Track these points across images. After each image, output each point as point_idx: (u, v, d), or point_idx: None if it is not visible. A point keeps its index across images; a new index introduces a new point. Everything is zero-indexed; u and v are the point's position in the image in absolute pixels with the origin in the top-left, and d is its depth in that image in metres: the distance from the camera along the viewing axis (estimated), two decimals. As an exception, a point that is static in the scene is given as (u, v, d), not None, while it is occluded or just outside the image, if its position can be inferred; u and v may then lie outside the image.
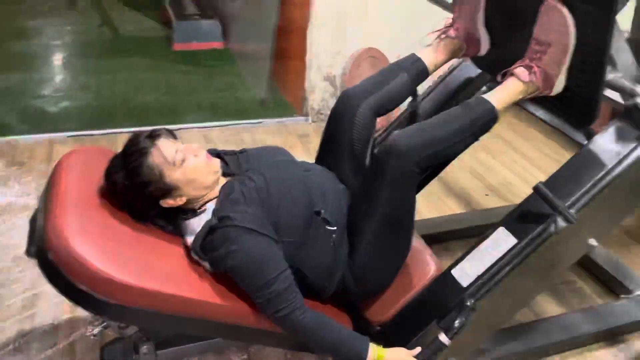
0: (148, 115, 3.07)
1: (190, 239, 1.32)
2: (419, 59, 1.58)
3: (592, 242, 1.48)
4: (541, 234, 1.37)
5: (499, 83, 1.80)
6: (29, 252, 1.25)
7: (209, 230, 1.27)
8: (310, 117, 3.12)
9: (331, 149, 1.55)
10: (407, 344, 1.41)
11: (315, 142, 2.96)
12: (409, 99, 1.71)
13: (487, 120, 1.38)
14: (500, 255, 1.41)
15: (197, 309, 1.23)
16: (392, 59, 3.05)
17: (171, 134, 1.37)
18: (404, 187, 1.37)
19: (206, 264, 1.31)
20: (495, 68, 1.72)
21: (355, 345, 1.33)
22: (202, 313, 1.25)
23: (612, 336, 1.78)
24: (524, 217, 1.44)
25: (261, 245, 1.27)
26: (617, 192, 1.38)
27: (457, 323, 1.35)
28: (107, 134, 2.82)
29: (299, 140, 2.94)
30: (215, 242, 1.27)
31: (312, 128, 3.06)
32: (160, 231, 1.34)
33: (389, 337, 1.46)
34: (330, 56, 2.96)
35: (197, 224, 1.32)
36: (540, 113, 1.80)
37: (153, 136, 1.32)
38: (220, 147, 2.67)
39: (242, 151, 1.55)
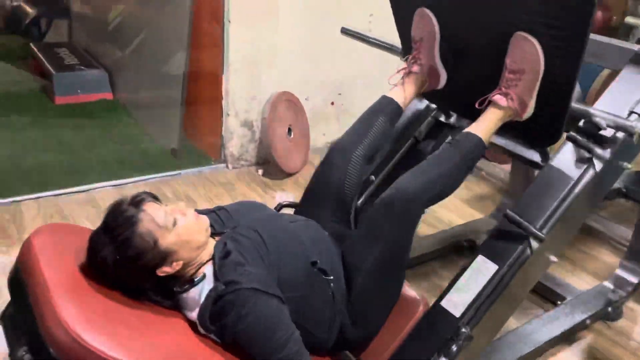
0: (50, 177, 2.76)
1: (193, 314, 1.23)
2: (392, 100, 1.65)
3: (553, 258, 1.64)
4: (519, 256, 1.49)
5: (447, 113, 1.94)
6: (15, 357, 1.07)
7: (217, 297, 1.20)
8: (229, 164, 3.05)
9: (317, 197, 1.56)
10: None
11: (240, 190, 2.92)
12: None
13: (477, 151, 1.49)
14: (485, 282, 1.49)
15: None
16: (302, 100, 3.16)
17: (153, 196, 1.28)
18: (409, 227, 1.43)
19: (213, 336, 1.22)
20: (447, 100, 1.86)
21: None
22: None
23: (565, 338, 1.97)
24: (498, 244, 1.55)
25: (271, 307, 1.22)
26: (575, 210, 1.55)
27: (454, 348, 1.41)
28: (8, 203, 2.50)
29: (224, 189, 2.85)
30: (224, 309, 1.19)
31: (234, 175, 3.00)
32: (157, 307, 1.23)
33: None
34: (246, 102, 2.95)
35: (197, 294, 1.23)
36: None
37: (136, 202, 1.22)
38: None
39: (220, 208, 1.49)
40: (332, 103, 3.36)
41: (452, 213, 2.82)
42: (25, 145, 3.13)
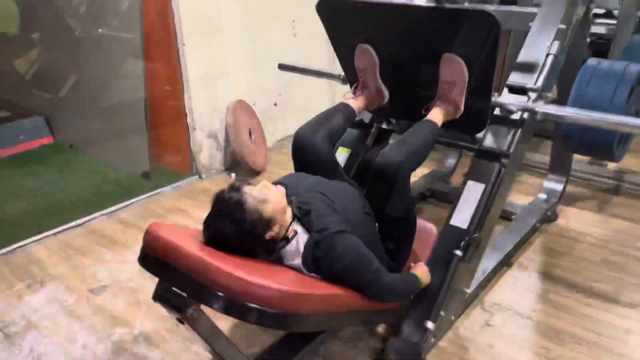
0: (40, 223, 2.85)
1: (295, 261, 1.58)
2: (347, 105, 2.11)
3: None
4: (498, 173, 2.01)
5: (389, 121, 2.47)
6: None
7: (316, 243, 1.56)
8: (202, 174, 3.32)
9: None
10: (441, 287, 1.90)
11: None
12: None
13: (436, 130, 1.97)
14: (478, 197, 2.00)
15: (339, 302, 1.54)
16: (251, 105, 3.50)
17: (243, 181, 1.60)
18: (404, 187, 1.84)
19: (314, 275, 1.58)
20: (392, 111, 2.33)
21: (414, 278, 1.84)
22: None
23: (526, 240, 2.54)
24: (478, 169, 2.05)
25: (355, 241, 1.61)
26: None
27: (471, 250, 1.93)
28: (15, 250, 2.60)
29: (206, 196, 3.07)
30: (323, 250, 1.56)
31: (209, 183, 3.27)
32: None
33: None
34: (208, 115, 3.24)
35: (294, 246, 1.59)
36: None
37: (236, 188, 1.55)
38: (140, 222, 2.75)
39: (278, 182, 1.82)
40: (275, 104, 3.73)
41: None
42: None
